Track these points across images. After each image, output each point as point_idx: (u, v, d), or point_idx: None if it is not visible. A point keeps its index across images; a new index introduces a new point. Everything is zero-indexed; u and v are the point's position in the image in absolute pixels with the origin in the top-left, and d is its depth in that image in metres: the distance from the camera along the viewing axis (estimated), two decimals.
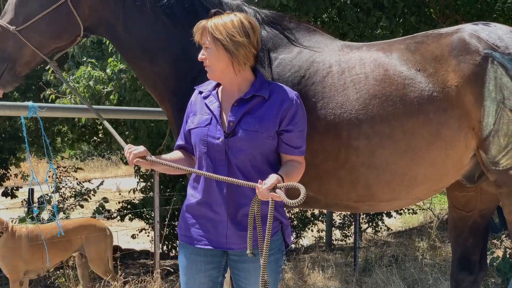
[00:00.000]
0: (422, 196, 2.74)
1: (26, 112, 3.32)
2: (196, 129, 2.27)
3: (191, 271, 2.28)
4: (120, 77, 5.99)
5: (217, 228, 2.23)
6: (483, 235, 3.11)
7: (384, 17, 6.10)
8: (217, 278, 2.29)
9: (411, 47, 2.62)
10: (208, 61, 2.21)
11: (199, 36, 2.23)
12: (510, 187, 2.54)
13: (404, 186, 2.57)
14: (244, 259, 2.24)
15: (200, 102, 2.32)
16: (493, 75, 2.47)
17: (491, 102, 2.46)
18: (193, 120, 2.30)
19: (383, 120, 2.48)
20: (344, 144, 2.50)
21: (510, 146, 2.47)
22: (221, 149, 2.19)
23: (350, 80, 2.54)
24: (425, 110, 2.49)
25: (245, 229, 2.16)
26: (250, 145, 2.17)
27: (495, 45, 2.51)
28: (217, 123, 2.22)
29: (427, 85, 2.51)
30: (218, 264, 2.28)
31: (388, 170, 2.52)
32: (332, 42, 2.74)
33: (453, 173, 2.64)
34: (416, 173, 2.54)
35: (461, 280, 3.11)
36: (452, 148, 2.52)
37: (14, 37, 2.54)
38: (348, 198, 2.63)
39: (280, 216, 2.30)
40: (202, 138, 2.23)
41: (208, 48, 2.20)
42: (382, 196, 2.60)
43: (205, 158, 2.23)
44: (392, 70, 2.55)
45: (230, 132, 2.19)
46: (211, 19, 2.22)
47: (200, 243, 2.26)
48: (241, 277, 2.28)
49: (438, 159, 2.53)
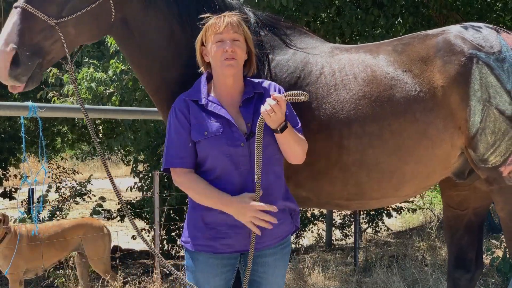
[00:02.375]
0: (411, 193, 2.79)
1: (26, 112, 3.32)
2: (209, 140, 2.16)
3: (207, 275, 2.24)
4: (122, 78, 6.00)
5: (240, 232, 2.20)
6: (478, 233, 3.16)
7: (382, 15, 6.12)
8: (230, 281, 2.29)
9: (397, 49, 2.68)
10: (238, 55, 2.18)
11: (223, 30, 2.17)
12: (501, 184, 2.60)
13: (393, 184, 2.62)
14: (264, 254, 2.25)
15: (199, 111, 2.21)
16: (478, 75, 2.53)
17: (477, 101, 2.52)
18: (200, 130, 2.18)
19: (372, 120, 2.53)
20: (336, 144, 2.54)
21: (498, 144, 2.53)
22: (245, 152, 2.16)
23: (340, 81, 2.59)
24: (412, 110, 2.54)
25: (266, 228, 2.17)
26: (271, 139, 2.19)
27: (479, 45, 2.58)
28: (232, 127, 2.17)
29: (413, 85, 2.56)
30: (233, 266, 2.28)
31: (377, 169, 2.57)
32: (322, 44, 2.80)
33: (440, 171, 2.69)
34: (404, 171, 2.59)
35: (458, 278, 3.15)
36: (438, 147, 2.58)
37: (50, 30, 2.20)
38: (340, 197, 2.67)
39: (293, 205, 2.34)
40: (221, 148, 2.15)
41: (237, 41, 2.19)
42: (372, 194, 2.65)
43: (228, 166, 2.16)
44: (379, 71, 2.60)
45: (249, 133, 2.18)
46: (225, 16, 2.21)
47: (224, 250, 2.22)
48: (258, 272, 2.27)
49: (425, 157, 2.58)
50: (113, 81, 6.04)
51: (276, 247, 2.27)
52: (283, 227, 2.27)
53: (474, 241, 3.14)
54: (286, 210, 2.29)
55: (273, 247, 2.26)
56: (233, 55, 2.16)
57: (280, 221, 2.22)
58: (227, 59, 2.16)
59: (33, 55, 2.16)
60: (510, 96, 2.51)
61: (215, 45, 2.18)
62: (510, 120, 2.51)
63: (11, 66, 2.10)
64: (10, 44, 2.09)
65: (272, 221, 2.11)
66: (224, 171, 2.17)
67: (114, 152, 12.00)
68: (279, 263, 2.30)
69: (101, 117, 7.06)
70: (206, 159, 2.19)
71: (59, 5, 2.22)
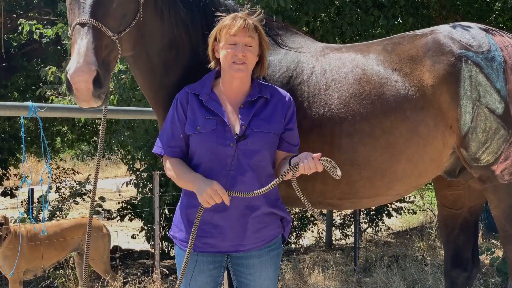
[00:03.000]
0: (402, 192, 2.80)
1: (26, 112, 3.32)
2: (200, 135, 2.18)
3: (193, 271, 2.26)
4: (120, 78, 5.99)
5: (223, 233, 2.21)
6: (473, 232, 3.18)
7: (382, 16, 6.13)
8: (218, 278, 2.30)
9: (387, 48, 2.70)
10: (248, 59, 2.19)
11: (237, 33, 2.16)
12: (494, 183, 2.61)
13: (385, 182, 2.63)
14: (249, 255, 2.26)
15: (198, 105, 2.23)
16: (467, 74, 2.55)
17: (467, 101, 2.54)
18: (193, 124, 2.20)
19: (363, 118, 2.55)
20: (328, 142, 2.55)
21: (489, 142, 2.55)
22: (232, 153, 2.17)
23: (331, 79, 2.61)
24: (402, 108, 2.55)
25: (255, 231, 2.22)
26: (264, 146, 2.20)
27: (468, 44, 2.60)
28: (225, 127, 2.18)
29: (403, 84, 2.58)
30: (220, 264, 2.29)
31: (369, 167, 2.58)
32: (313, 44, 2.82)
33: (432, 169, 2.70)
34: (396, 169, 2.60)
35: (455, 277, 3.16)
36: (429, 145, 2.59)
37: (113, 45, 2.15)
38: (332, 196, 2.68)
39: (283, 213, 2.34)
40: (209, 145, 2.17)
41: (249, 46, 2.19)
42: (365, 193, 2.67)
43: (214, 164, 2.18)
44: (369, 70, 2.62)
45: (241, 135, 2.18)
46: (242, 17, 2.20)
47: (206, 249, 2.24)
48: (245, 273, 2.28)
49: (416, 155, 2.60)
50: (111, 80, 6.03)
51: (262, 249, 2.27)
52: (267, 231, 2.27)
53: (470, 240, 3.15)
54: (273, 214, 2.29)
55: (258, 249, 2.26)
56: (244, 59, 2.17)
57: (263, 224, 2.25)
58: (237, 63, 2.17)
59: (107, 72, 2.11)
60: (500, 94, 2.53)
61: (228, 46, 2.18)
62: (501, 118, 2.53)
63: (94, 86, 2.00)
64: (91, 64, 1.99)
65: (226, 202, 2.11)
66: (209, 169, 2.18)
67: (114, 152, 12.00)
68: (267, 265, 2.29)
69: (100, 117, 7.05)
70: (194, 153, 2.22)
71: (117, 20, 2.19)
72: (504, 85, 2.54)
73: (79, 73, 1.98)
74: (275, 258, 2.32)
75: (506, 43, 2.64)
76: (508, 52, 2.60)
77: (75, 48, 2.02)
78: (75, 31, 2.08)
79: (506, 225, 2.67)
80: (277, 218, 2.32)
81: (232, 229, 2.21)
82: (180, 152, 2.26)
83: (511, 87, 2.55)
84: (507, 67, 2.56)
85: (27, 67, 10.60)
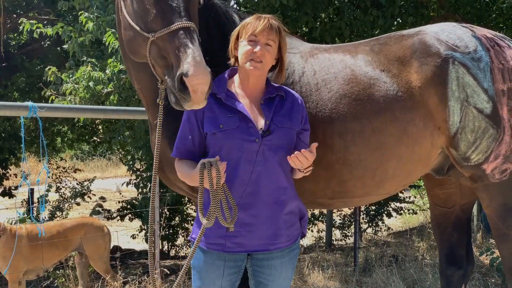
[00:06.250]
0: (392, 190, 2.83)
1: (26, 112, 3.32)
2: (224, 132, 2.17)
3: (212, 276, 2.24)
4: (119, 78, 5.99)
5: (251, 231, 2.20)
6: (466, 229, 3.19)
7: (380, 16, 6.13)
8: (236, 282, 2.29)
9: (375, 49, 2.72)
10: (266, 59, 2.21)
11: (259, 33, 2.19)
12: (485, 182, 2.63)
13: (375, 181, 2.65)
14: (271, 256, 2.25)
15: (216, 104, 2.22)
16: (455, 75, 2.56)
17: (455, 102, 2.55)
18: (214, 123, 2.18)
19: (353, 118, 2.57)
20: (320, 142, 2.52)
21: (478, 142, 2.57)
22: (257, 149, 2.18)
23: (322, 80, 2.62)
24: (391, 109, 2.58)
25: (282, 229, 2.22)
26: (287, 141, 2.23)
27: (455, 45, 2.61)
28: (248, 123, 2.18)
29: (391, 85, 2.60)
30: (239, 268, 2.27)
31: (360, 166, 2.60)
32: (302, 44, 2.83)
33: (421, 168, 2.74)
34: (386, 168, 2.63)
35: (450, 275, 3.17)
36: (418, 144, 2.61)
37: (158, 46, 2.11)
38: (323, 195, 2.69)
39: (304, 210, 2.36)
40: (235, 141, 2.17)
41: (269, 46, 2.22)
42: (355, 192, 2.68)
43: (240, 161, 2.17)
44: (358, 71, 2.64)
45: (266, 130, 2.19)
46: (266, 18, 2.23)
47: (233, 249, 2.22)
48: (265, 274, 2.28)
49: (406, 155, 2.62)
50: (110, 80, 6.03)
51: (284, 250, 2.27)
52: (294, 229, 2.29)
53: (464, 237, 3.17)
54: (297, 213, 2.31)
55: (281, 250, 2.26)
56: (261, 57, 2.20)
57: (291, 222, 2.27)
58: (254, 60, 2.19)
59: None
60: (487, 94, 2.54)
61: (247, 43, 2.21)
62: (489, 118, 2.55)
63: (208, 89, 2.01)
64: (207, 67, 2.00)
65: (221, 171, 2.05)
66: (235, 165, 2.18)
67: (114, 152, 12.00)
68: (287, 265, 2.30)
69: (100, 117, 7.06)
70: (218, 152, 2.19)
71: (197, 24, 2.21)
72: (491, 84, 2.55)
73: (201, 76, 1.97)
74: (294, 258, 2.33)
75: (492, 43, 2.65)
76: (494, 52, 2.61)
77: (188, 52, 1.98)
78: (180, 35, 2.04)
79: (499, 224, 2.68)
80: (297, 215, 2.33)
81: (262, 227, 2.19)
82: (186, 154, 2.25)
83: (498, 86, 2.56)
84: (494, 67, 2.57)
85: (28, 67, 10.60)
